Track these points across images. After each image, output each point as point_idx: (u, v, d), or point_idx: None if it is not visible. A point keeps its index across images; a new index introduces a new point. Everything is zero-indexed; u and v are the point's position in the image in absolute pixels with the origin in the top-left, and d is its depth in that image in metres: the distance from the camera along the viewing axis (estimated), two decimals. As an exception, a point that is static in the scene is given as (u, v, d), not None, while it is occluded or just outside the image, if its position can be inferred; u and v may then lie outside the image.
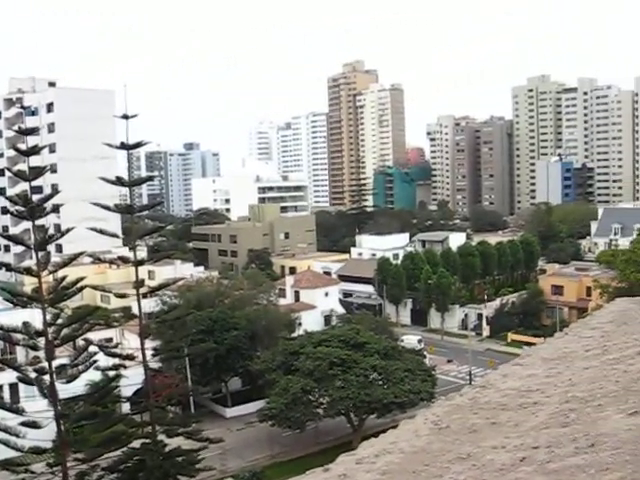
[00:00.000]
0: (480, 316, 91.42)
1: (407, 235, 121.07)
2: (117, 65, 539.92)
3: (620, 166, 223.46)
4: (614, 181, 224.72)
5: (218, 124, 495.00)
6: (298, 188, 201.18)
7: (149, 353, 42.51)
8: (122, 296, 45.23)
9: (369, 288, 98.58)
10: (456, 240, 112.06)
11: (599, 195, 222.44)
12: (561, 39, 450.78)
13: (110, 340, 54.24)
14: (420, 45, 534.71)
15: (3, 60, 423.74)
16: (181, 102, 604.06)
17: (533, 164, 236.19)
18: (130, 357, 40.68)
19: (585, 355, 10.44)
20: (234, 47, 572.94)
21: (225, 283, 77.66)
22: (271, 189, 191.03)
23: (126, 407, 51.14)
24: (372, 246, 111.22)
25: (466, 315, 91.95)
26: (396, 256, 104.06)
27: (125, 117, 43.33)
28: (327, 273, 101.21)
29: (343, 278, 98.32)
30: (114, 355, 41.10)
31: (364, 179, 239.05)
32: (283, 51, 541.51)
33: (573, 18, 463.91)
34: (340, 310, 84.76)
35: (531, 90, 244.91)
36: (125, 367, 41.04)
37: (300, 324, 72.73)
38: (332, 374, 50.22)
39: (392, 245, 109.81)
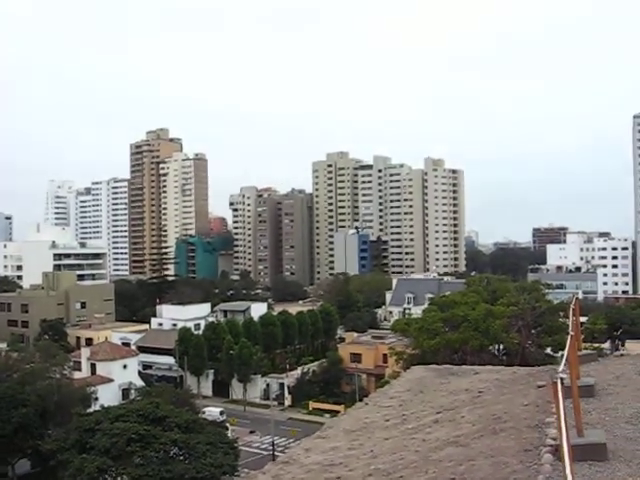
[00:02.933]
0: (282, 385, 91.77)
1: (209, 305, 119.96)
2: None
3: (412, 239, 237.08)
4: (406, 253, 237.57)
5: (12, 186, 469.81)
6: (96, 255, 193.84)
7: None
8: None
9: (170, 359, 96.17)
10: (258, 310, 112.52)
11: (393, 266, 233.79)
12: (360, 117, 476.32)
13: None
14: (226, 115, 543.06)
15: None
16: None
17: (332, 236, 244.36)
18: None
19: (385, 425, 10.67)
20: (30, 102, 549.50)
21: (14, 356, 72.42)
22: (68, 256, 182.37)
23: None
24: (173, 316, 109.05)
25: (268, 385, 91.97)
26: (197, 326, 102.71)
27: None
28: (126, 344, 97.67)
29: (143, 349, 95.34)
30: None
31: (166, 248, 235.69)
32: (85, 112, 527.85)
33: (368, 98, 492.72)
34: (139, 383, 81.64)
35: (330, 165, 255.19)
36: None
37: (96, 399, 68.95)
38: (130, 451, 47.79)
39: (193, 315, 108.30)
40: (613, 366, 12.62)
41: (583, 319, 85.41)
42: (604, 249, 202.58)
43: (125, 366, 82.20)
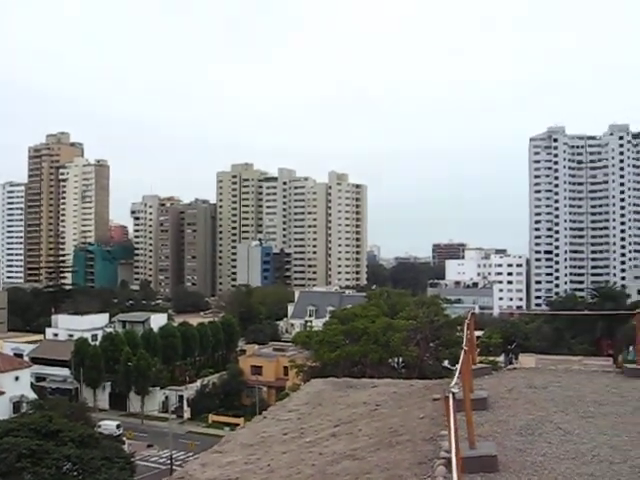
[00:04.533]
0: (181, 398, 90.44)
1: (107, 315, 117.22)
2: None
3: (315, 252, 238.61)
4: (309, 266, 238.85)
5: None
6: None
7: None
8: None
9: (65, 371, 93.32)
10: (158, 321, 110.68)
11: (296, 279, 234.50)
12: (266, 129, 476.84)
13: None
14: (130, 122, 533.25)
15: None
16: None
17: (235, 247, 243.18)
18: None
19: (283, 439, 10.63)
20: None
21: None
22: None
23: None
24: (69, 326, 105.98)
25: (167, 397, 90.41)
26: (95, 337, 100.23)
27: None
28: (18, 355, 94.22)
29: (36, 361, 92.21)
30: None
31: (63, 255, 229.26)
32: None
33: (273, 110, 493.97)
34: (32, 396, 78.75)
35: (235, 176, 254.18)
36: None
37: (-15, 413, 66.28)
38: (21, 467, 45.95)
39: (91, 325, 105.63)
40: (506, 379, 13.00)
41: (479, 333, 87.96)
42: (500, 265, 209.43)
43: (17, 378, 79.16)
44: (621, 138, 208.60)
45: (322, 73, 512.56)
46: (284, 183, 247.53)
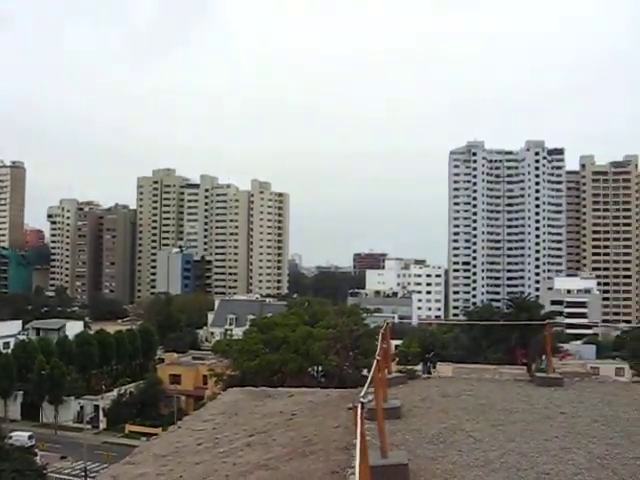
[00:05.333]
0: (97, 408, 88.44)
1: (20, 322, 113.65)
2: None
3: (236, 260, 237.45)
4: (230, 274, 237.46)
5: None
6: None
7: None
8: None
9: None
10: (73, 328, 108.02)
11: (216, 287, 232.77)
12: (188, 135, 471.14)
13: None
14: (49, 124, 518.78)
15: None
16: None
17: (155, 254, 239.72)
18: None
19: (197, 449, 10.52)
20: None
21: None
22: None
23: None
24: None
25: (82, 407, 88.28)
26: (7, 345, 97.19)
27: None
28: None
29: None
30: None
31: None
32: None
33: (196, 116, 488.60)
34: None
35: (156, 182, 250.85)
36: None
37: None
38: None
39: (3, 333, 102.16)
40: (420, 388, 13.21)
41: (398, 342, 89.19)
42: (419, 276, 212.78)
43: None
44: (537, 154, 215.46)
45: (247, 77, 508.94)
46: (206, 190, 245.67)
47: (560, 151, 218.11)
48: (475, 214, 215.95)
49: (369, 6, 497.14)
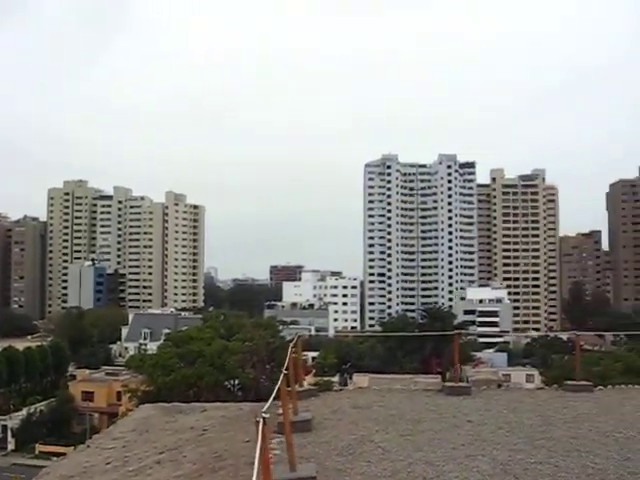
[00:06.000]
0: (5, 428, 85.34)
1: None
2: None
3: (150, 273, 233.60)
4: (144, 287, 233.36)
5: None
6: None
7: None
8: None
9: None
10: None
11: (130, 300, 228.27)
12: (101, 145, 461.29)
13: None
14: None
15: None
16: None
17: (66, 267, 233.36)
18: None
19: (105, 469, 10.33)
20: None
21: None
22: None
23: None
24: None
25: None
26: None
27: None
28: None
29: None
30: None
31: None
32: None
33: (106, 126, 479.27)
34: None
35: (67, 194, 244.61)
36: None
37: None
38: None
39: None
40: (332, 400, 13.35)
41: (315, 354, 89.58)
42: (336, 287, 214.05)
43: None
44: (449, 167, 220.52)
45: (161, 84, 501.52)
46: (119, 202, 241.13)
47: (471, 165, 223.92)
48: (390, 226, 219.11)
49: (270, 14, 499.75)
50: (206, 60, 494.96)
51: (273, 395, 7.56)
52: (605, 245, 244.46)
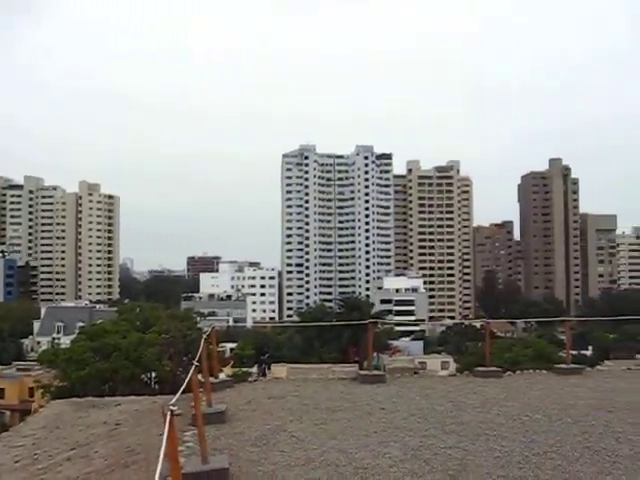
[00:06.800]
0: None
1: None
2: None
3: (63, 265, 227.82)
4: (57, 280, 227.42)
5: None
6: None
7: None
8: None
9: None
10: None
11: (42, 293, 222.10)
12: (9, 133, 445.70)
13: None
14: None
15: None
16: None
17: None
18: None
19: (14, 467, 10.08)
20: None
21: None
22: None
23: None
24: None
25: None
26: None
27: None
28: None
29: None
30: None
31: None
32: None
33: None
34: None
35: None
36: None
37: None
38: None
39: None
40: (247, 391, 13.36)
41: (233, 345, 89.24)
42: (254, 278, 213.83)
43: None
44: (366, 158, 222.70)
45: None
46: (30, 192, 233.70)
47: (388, 156, 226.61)
48: (307, 216, 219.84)
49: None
50: (115, 45, 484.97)
51: (183, 387, 7.51)
52: (517, 235, 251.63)
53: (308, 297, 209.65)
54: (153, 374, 68.85)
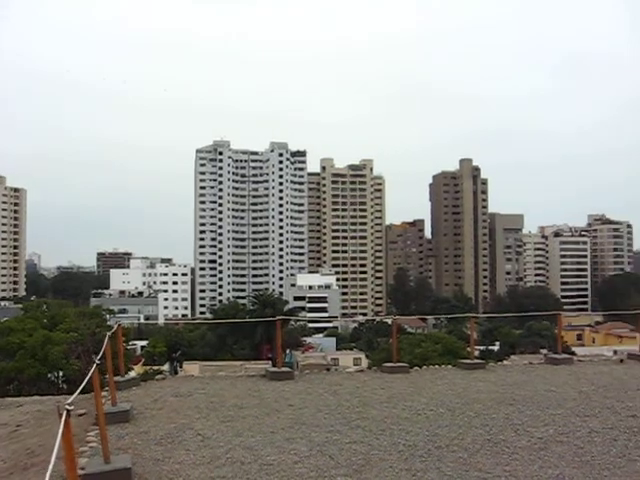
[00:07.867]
0: None
1: None
2: None
3: None
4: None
5: None
6: None
7: None
8: None
9: None
10: None
11: None
12: None
13: None
14: None
15: None
16: None
17: None
18: None
19: None
20: None
21: None
22: None
23: None
24: None
25: None
26: None
27: None
28: None
29: None
30: None
31: None
32: None
33: None
34: None
35: None
36: None
37: None
38: None
39: None
40: (153, 389, 13.20)
41: (144, 343, 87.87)
42: (166, 275, 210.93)
43: None
44: (281, 155, 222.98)
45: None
46: None
47: (302, 153, 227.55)
48: (221, 212, 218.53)
49: None
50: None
51: (82, 386, 7.38)
52: (428, 233, 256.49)
53: (221, 294, 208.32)
54: (61, 373, 67.23)
